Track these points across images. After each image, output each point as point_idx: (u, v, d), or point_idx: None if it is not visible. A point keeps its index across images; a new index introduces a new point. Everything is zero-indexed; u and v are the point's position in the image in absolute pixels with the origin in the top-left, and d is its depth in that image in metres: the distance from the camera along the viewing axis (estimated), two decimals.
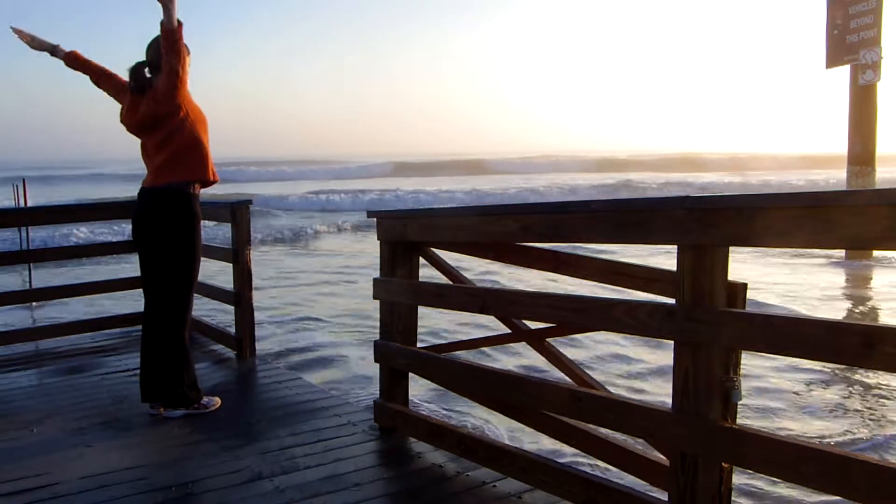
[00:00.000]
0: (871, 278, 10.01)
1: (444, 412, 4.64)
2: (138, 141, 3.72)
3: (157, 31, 3.43)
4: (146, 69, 3.62)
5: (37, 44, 3.79)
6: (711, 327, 1.96)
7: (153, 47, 3.56)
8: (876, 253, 11.03)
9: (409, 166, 50.90)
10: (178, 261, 3.58)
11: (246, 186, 32.15)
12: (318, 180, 39.72)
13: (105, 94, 3.80)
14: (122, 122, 3.71)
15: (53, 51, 3.80)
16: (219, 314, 6.60)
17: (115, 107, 3.80)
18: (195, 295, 3.79)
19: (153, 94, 3.50)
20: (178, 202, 3.54)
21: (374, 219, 3.42)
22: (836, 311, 7.87)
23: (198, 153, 3.59)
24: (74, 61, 3.81)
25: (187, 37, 3.44)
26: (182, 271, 3.60)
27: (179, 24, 3.35)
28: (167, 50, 3.36)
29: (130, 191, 3.71)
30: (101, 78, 3.80)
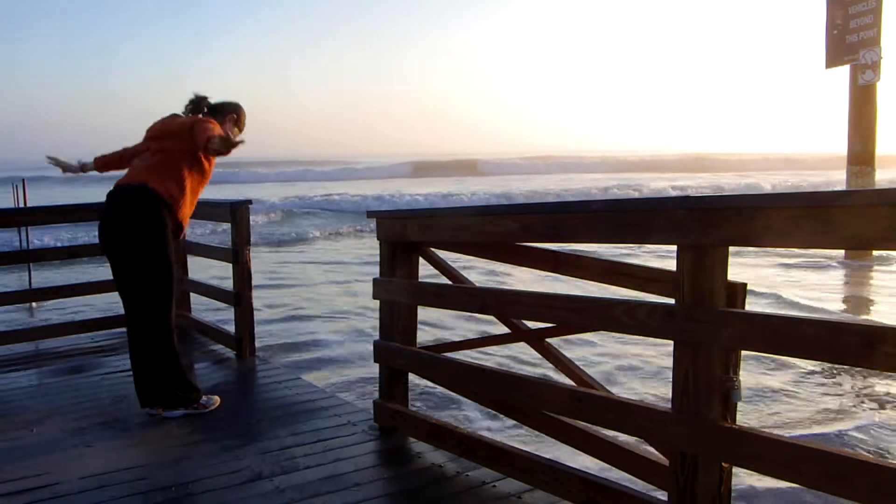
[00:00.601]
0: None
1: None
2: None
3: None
4: (205, 108, 3.80)
5: (66, 167, 4.02)
6: (711, 327, 1.96)
7: (223, 102, 3.83)
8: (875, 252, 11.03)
9: (427, 166, 48.33)
10: (151, 262, 3.47)
11: (262, 188, 31.52)
12: (335, 181, 38.58)
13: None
14: (148, 129, 3.77)
15: (83, 168, 3.99)
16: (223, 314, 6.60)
17: (112, 106, 3.87)
18: (193, 294, 3.78)
19: (194, 125, 3.55)
20: (145, 201, 3.46)
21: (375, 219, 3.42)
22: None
23: (179, 184, 3.55)
24: (104, 167, 3.96)
25: (190, 39, 3.49)
26: (156, 272, 3.48)
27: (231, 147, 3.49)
28: (210, 153, 3.49)
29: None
30: (128, 157, 3.85)
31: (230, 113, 3.84)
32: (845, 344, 1.71)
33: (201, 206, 3.84)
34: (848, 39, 11.05)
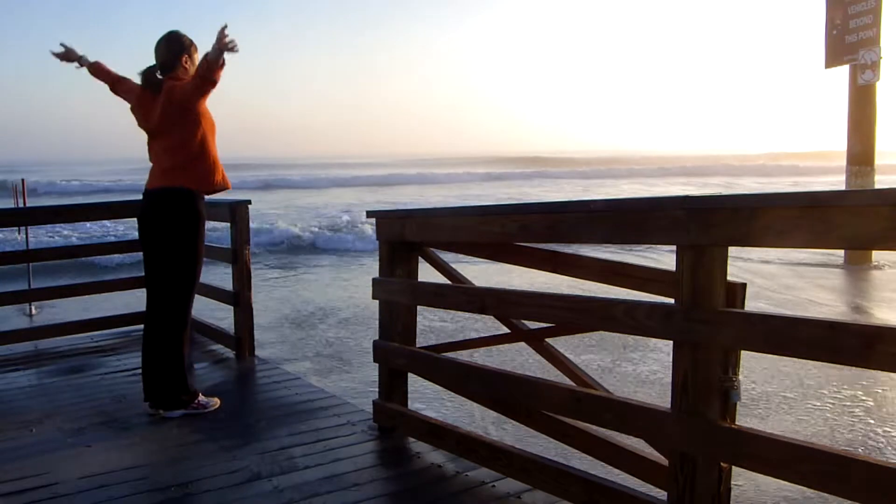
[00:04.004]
0: None
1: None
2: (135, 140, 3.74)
3: (161, 32, 3.49)
4: (158, 72, 3.65)
5: (67, 56, 3.85)
6: (710, 327, 1.96)
7: (162, 48, 3.62)
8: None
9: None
10: (180, 261, 3.60)
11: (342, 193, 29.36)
12: (410, 185, 35.17)
13: (122, 99, 3.80)
14: (133, 113, 3.72)
15: (80, 61, 3.87)
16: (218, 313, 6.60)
17: (107, 105, 3.82)
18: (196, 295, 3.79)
19: (170, 95, 3.51)
20: (182, 202, 3.56)
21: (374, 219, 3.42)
22: None
23: (206, 162, 3.61)
24: (98, 71, 3.87)
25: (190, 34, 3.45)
26: (184, 272, 3.62)
27: (223, 63, 3.40)
28: (203, 78, 3.40)
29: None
30: (117, 84, 3.82)
31: (182, 56, 3.63)
32: (845, 344, 1.72)
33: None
34: (847, 39, 11.04)
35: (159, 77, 3.64)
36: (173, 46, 3.61)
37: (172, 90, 3.52)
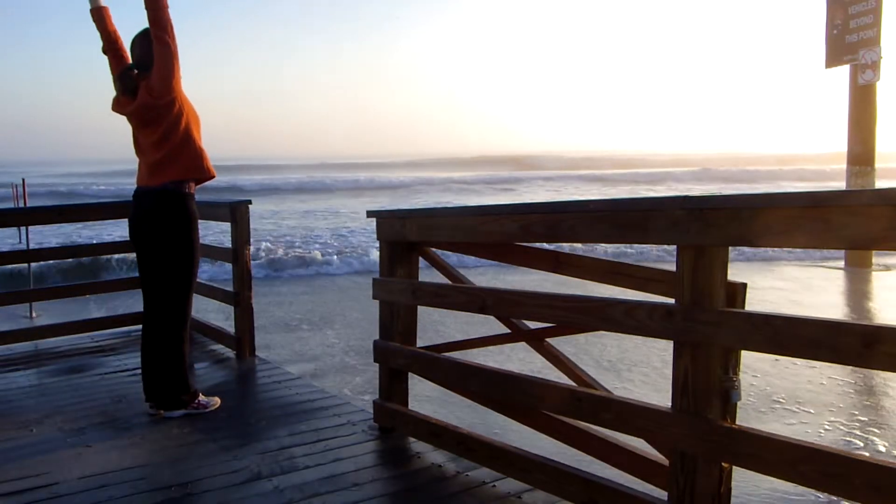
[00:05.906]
0: None
1: None
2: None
3: (138, 29, 3.51)
4: (134, 72, 3.60)
5: None
6: (710, 327, 1.96)
7: (136, 46, 3.59)
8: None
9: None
10: (176, 262, 3.59)
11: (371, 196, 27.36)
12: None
13: (107, 64, 3.71)
14: (113, 109, 3.68)
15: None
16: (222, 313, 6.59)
17: (97, 105, 3.78)
18: (195, 295, 3.79)
19: (147, 87, 3.48)
20: (173, 203, 3.54)
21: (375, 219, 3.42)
22: None
23: (192, 151, 3.58)
24: (100, 18, 3.70)
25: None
26: (180, 272, 3.61)
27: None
28: (157, 34, 3.37)
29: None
30: (111, 51, 3.70)
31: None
32: (845, 344, 1.71)
33: (200, 207, 3.84)
34: (848, 39, 11.04)
35: (136, 77, 3.58)
36: (147, 44, 3.54)
37: (149, 81, 3.49)
